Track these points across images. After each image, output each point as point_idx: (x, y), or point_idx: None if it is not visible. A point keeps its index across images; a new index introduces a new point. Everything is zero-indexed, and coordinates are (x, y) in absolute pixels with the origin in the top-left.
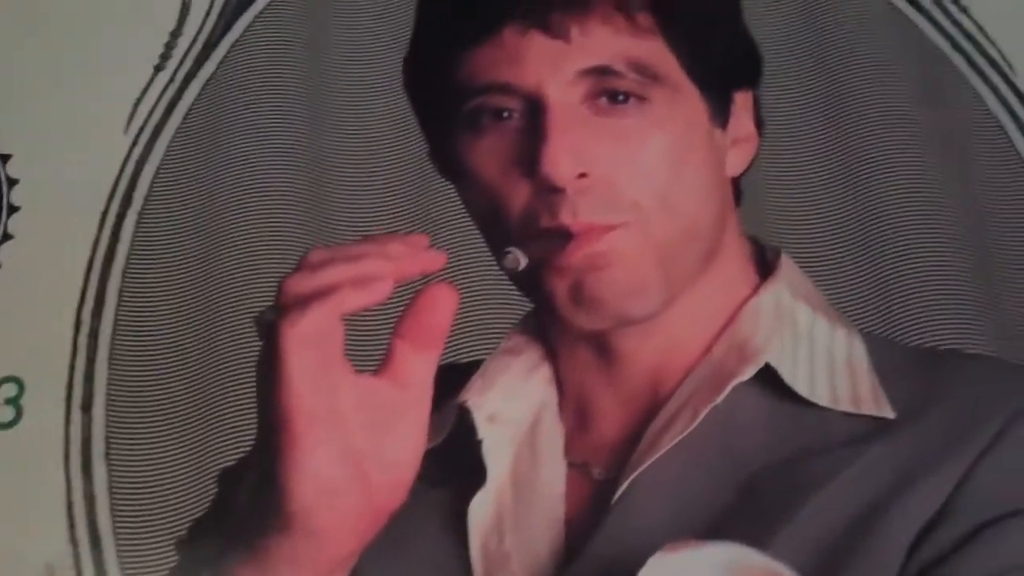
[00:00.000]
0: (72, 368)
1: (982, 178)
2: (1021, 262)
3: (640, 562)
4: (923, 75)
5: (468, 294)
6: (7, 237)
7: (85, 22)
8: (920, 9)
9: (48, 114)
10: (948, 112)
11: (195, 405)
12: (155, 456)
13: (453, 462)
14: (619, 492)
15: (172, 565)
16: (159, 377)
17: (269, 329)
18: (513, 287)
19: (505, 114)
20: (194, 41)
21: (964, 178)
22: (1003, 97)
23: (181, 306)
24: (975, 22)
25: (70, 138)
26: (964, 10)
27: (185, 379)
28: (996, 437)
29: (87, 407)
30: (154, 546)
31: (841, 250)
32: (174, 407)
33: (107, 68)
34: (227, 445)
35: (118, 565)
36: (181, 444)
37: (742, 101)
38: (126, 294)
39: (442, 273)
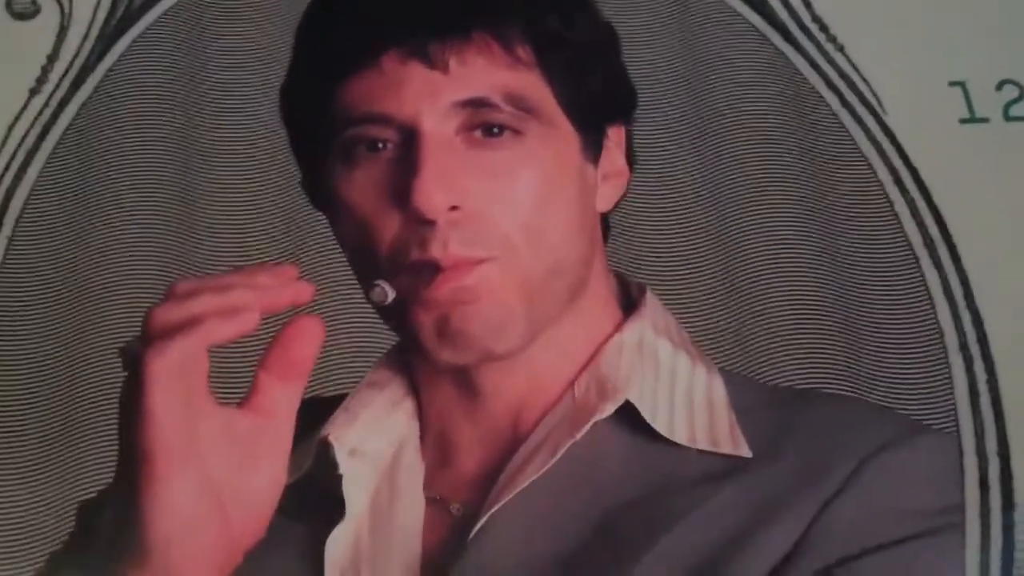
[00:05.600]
0: None
1: (848, 219)
2: (881, 306)
3: None
4: (797, 114)
5: (336, 326)
6: None
7: None
8: (797, 47)
9: None
10: (819, 152)
11: (57, 435)
12: (13, 487)
13: (313, 495)
14: (476, 528)
15: None
16: (20, 406)
17: (134, 360)
18: (381, 320)
19: (380, 145)
20: (70, 65)
21: (831, 219)
22: (874, 137)
23: (48, 332)
24: (849, 60)
25: None
26: (840, 48)
27: (47, 408)
28: (849, 478)
29: None
30: None
31: (704, 287)
32: (35, 437)
33: None
34: (88, 477)
35: None
36: (41, 475)
37: (615, 136)
38: None
39: (311, 305)
